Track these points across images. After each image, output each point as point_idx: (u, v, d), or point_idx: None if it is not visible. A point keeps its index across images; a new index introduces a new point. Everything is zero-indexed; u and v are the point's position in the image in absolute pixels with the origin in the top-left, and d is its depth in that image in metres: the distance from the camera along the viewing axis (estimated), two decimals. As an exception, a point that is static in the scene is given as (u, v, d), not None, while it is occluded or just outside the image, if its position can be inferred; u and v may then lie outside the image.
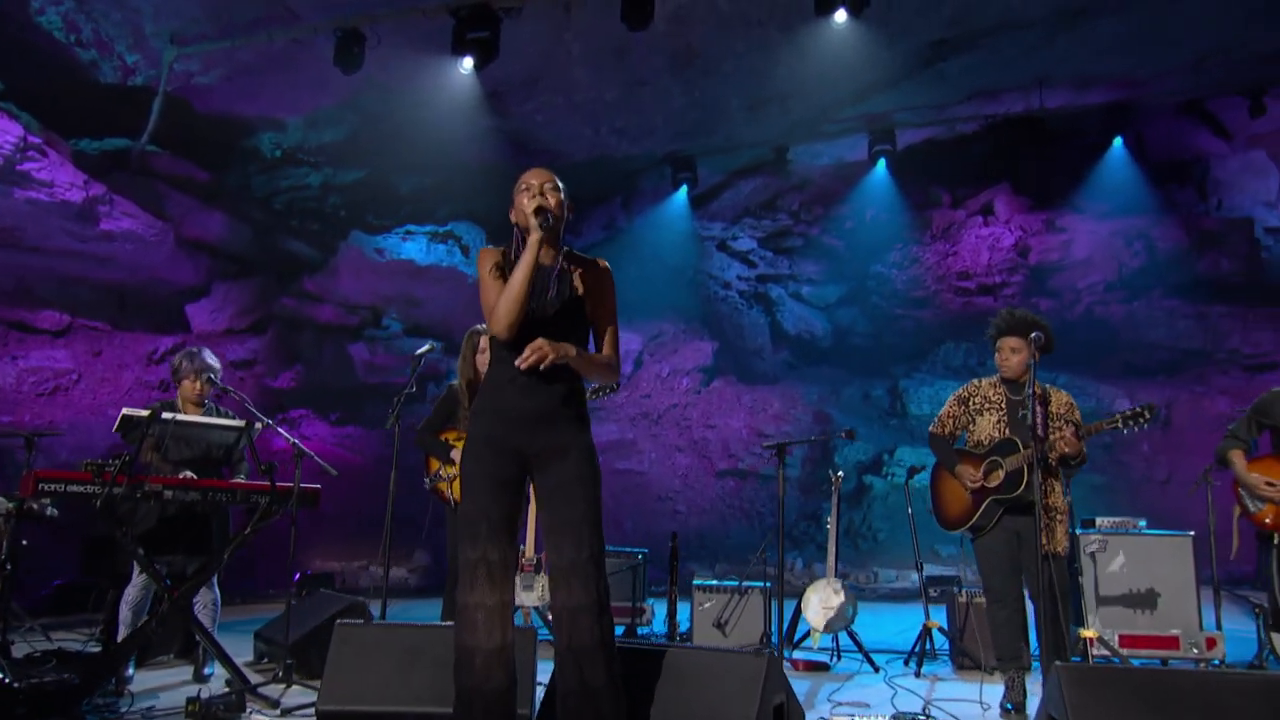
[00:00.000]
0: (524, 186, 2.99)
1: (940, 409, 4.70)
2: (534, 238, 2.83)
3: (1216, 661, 5.23)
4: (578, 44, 9.06)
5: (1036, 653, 4.33)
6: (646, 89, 9.96)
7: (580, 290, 2.97)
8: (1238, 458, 4.23)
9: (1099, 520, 5.72)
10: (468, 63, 7.92)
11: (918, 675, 5.29)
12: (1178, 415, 9.86)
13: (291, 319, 9.85)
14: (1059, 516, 4.31)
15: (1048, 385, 4.53)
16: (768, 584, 6.05)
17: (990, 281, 11.20)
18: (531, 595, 6.25)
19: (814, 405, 10.72)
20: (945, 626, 5.67)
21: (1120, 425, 4.13)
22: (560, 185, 3.03)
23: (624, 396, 10.94)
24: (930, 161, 11.67)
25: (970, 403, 4.51)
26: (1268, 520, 4.11)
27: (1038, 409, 4.37)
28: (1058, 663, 3.04)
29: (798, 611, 5.79)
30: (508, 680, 2.80)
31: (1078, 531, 5.58)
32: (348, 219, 10.72)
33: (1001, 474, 4.28)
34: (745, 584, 5.99)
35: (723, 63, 9.50)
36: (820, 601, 5.63)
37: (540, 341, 2.78)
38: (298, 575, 8.81)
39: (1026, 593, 4.39)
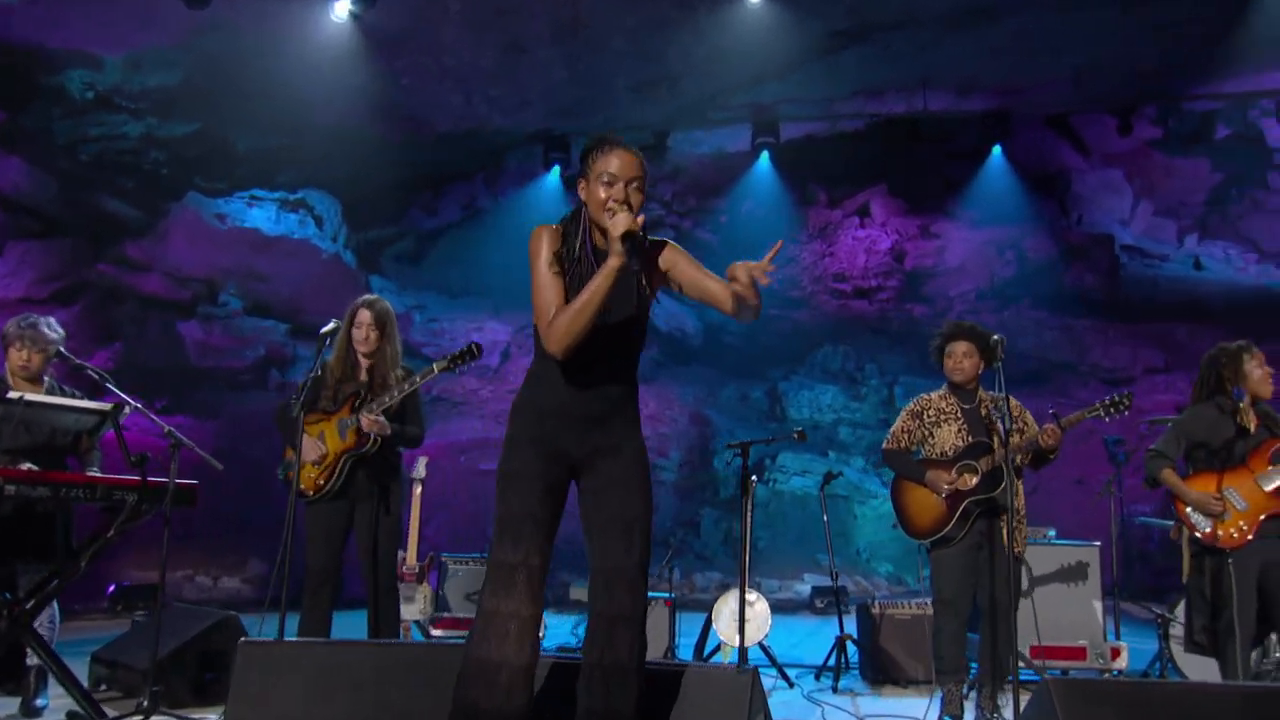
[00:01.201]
0: (605, 176, 2.74)
1: (892, 424, 4.78)
2: (613, 264, 2.60)
3: (1116, 672, 5.56)
4: (457, 0, 8.73)
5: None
6: (526, 59, 9.71)
7: (645, 286, 2.80)
8: (1172, 475, 4.47)
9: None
10: (342, 8, 7.44)
11: (835, 690, 5.35)
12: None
13: (109, 289, 8.99)
14: (1023, 518, 4.48)
15: (996, 393, 4.68)
16: (670, 595, 6.00)
17: (866, 285, 11.61)
18: (412, 608, 5.95)
19: (690, 406, 10.78)
20: (856, 638, 5.78)
21: (1102, 413, 4.31)
22: (645, 173, 2.79)
23: (489, 391, 10.65)
24: (809, 158, 11.96)
25: (924, 416, 4.61)
26: (1220, 536, 4.34)
27: (995, 414, 4.51)
28: (1048, 676, 3.10)
29: (708, 624, 5.75)
30: (529, 704, 2.62)
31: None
32: (171, 177, 9.88)
33: (974, 477, 4.39)
34: (650, 595, 5.89)
35: (611, 37, 9.38)
36: (733, 613, 5.61)
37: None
38: (112, 587, 8.06)
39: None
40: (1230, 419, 4.35)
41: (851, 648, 5.72)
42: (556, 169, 11.61)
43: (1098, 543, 5.85)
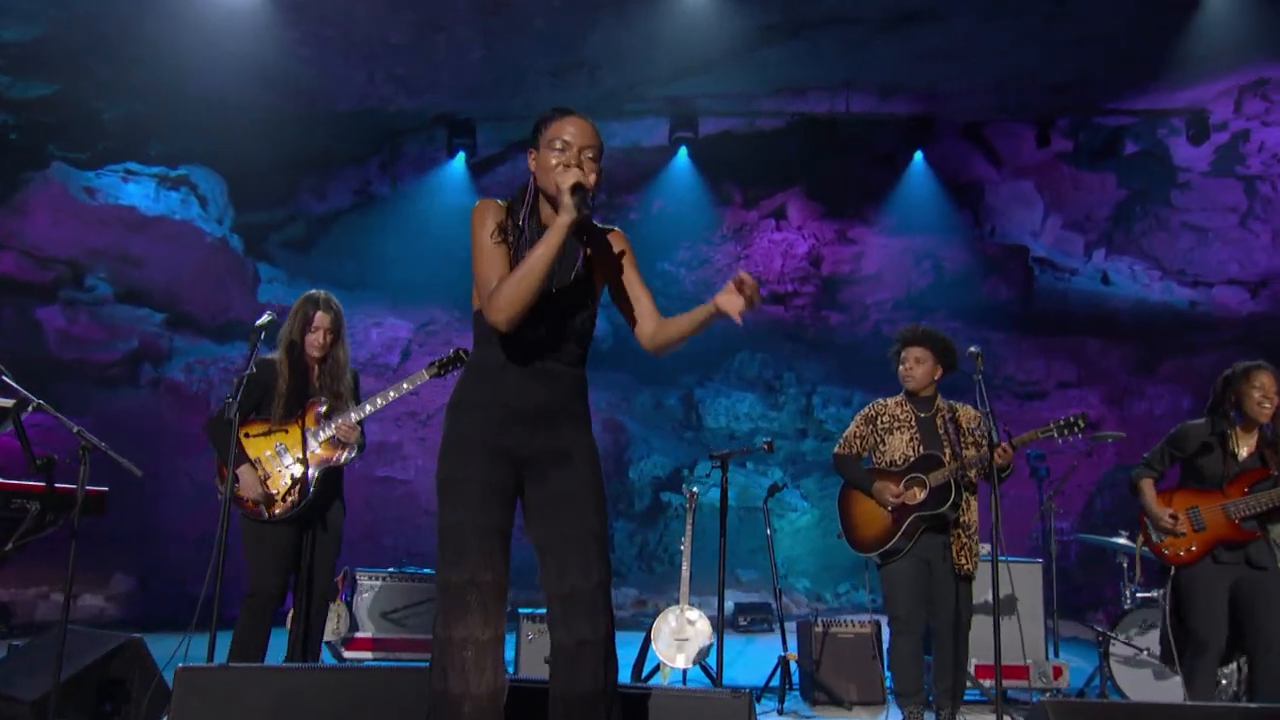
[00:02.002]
0: (557, 142, 2.71)
1: (847, 429, 4.83)
2: (563, 220, 2.57)
3: (1057, 691, 5.75)
4: (369, -33, 8.46)
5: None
6: (440, 36, 9.48)
7: (592, 265, 2.79)
8: (1148, 487, 4.65)
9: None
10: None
11: (780, 713, 5.37)
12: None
13: (-48, 268, 8.34)
14: (975, 535, 4.56)
15: (953, 402, 4.79)
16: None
17: (782, 290, 11.76)
18: (327, 628, 5.69)
19: (603, 413, 10.70)
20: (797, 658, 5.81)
21: (1055, 434, 4.41)
22: (601, 147, 2.79)
23: (387, 391, 10.33)
24: (725, 156, 12.05)
25: (878, 422, 4.68)
26: (1166, 552, 4.53)
27: (951, 427, 4.58)
28: (1044, 698, 3.15)
29: (646, 643, 5.69)
30: None
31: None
32: (23, 145, 9.24)
33: (922, 491, 4.45)
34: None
35: (534, 18, 9.24)
36: (673, 632, 5.56)
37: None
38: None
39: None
40: (1218, 441, 4.52)
41: (792, 666, 5.74)
42: (461, 155, 11.37)
43: (1040, 560, 6.04)
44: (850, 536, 4.67)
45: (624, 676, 5.76)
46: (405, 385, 4.45)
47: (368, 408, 4.37)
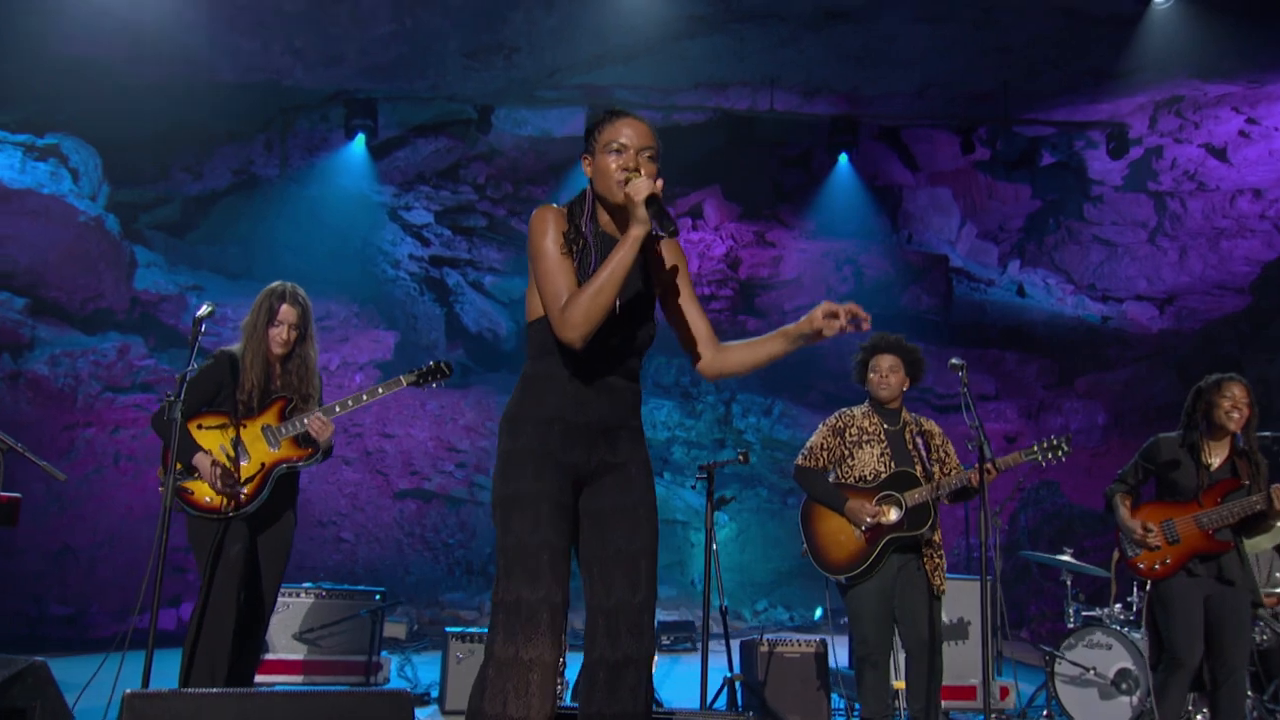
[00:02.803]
0: (614, 145, 2.70)
1: (811, 438, 4.82)
2: (637, 233, 2.58)
3: (1004, 712, 5.91)
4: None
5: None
6: (344, 6, 9.20)
7: (650, 276, 2.83)
8: (1122, 501, 4.82)
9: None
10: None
11: (731, 736, 5.35)
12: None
13: None
14: (942, 552, 4.63)
15: (919, 416, 4.85)
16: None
17: (699, 292, 11.81)
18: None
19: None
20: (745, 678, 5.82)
21: (1039, 457, 4.51)
22: (659, 146, 2.77)
23: (277, 391, 9.97)
24: (641, 150, 12.08)
25: (846, 434, 4.67)
26: (1141, 566, 4.69)
27: (922, 441, 4.65)
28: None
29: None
30: None
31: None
32: None
33: (897, 510, 4.48)
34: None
35: (452, -8, 9.08)
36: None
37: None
38: None
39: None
40: (1190, 453, 4.71)
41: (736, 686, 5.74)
42: (361, 138, 11.03)
43: (989, 577, 6.18)
44: (819, 558, 4.63)
45: (568, 700, 5.68)
46: (380, 390, 4.33)
47: (337, 408, 4.22)
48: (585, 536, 2.72)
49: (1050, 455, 4.52)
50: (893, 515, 4.48)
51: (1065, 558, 6.22)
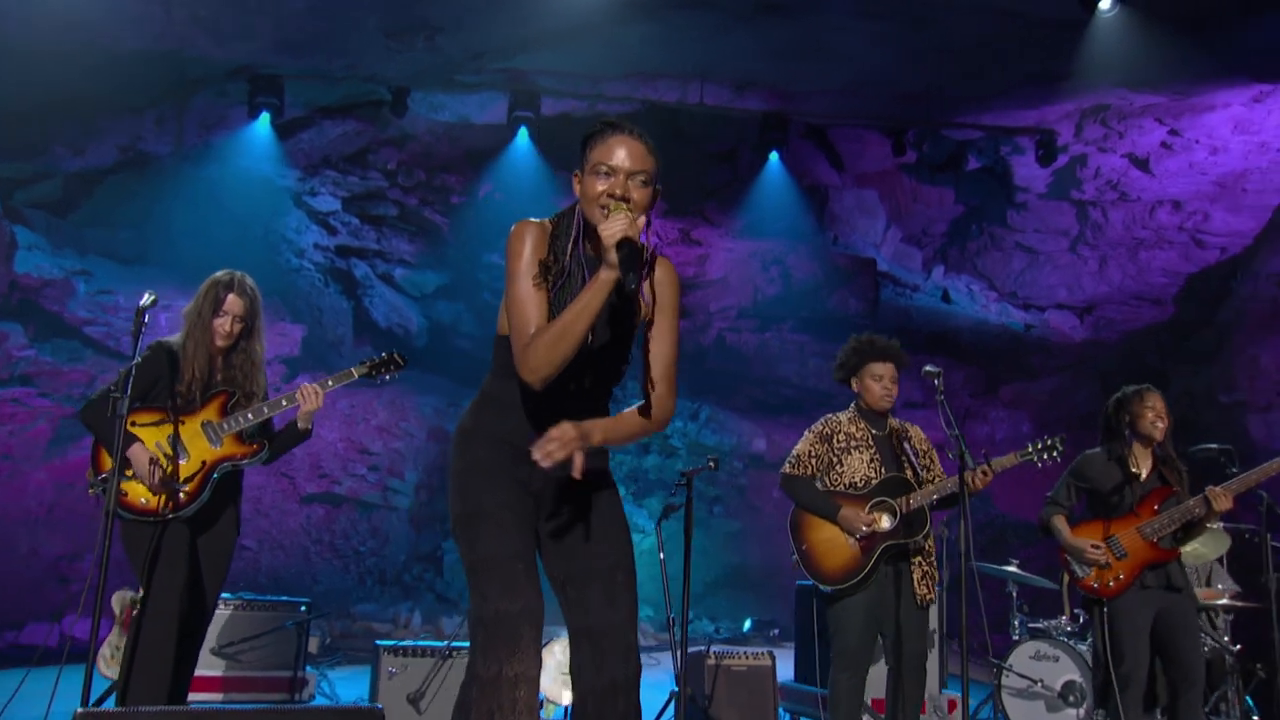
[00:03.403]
0: (602, 167, 2.58)
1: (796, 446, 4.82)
2: (606, 277, 2.44)
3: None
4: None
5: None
6: (259, -25, 8.95)
7: (640, 311, 2.69)
8: (1061, 523, 4.93)
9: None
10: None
11: (681, 754, 5.34)
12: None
13: None
14: (934, 562, 4.66)
15: (903, 421, 4.89)
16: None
17: (623, 291, 11.80)
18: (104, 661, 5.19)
19: (429, 419, 10.38)
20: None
21: (1034, 457, 4.57)
22: (656, 168, 2.61)
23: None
24: (564, 139, 11.97)
25: (834, 440, 4.67)
26: (1095, 585, 4.81)
27: (908, 447, 4.69)
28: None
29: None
30: None
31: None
32: None
33: (890, 517, 4.49)
34: (452, 645, 5.59)
35: (375, -34, 8.89)
36: (558, 666, 5.45)
37: (566, 430, 2.47)
38: None
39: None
40: (1118, 465, 4.85)
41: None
42: (266, 117, 10.72)
43: (970, 587, 6.29)
44: (813, 569, 4.59)
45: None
46: (330, 383, 4.20)
47: (284, 403, 4.08)
48: (555, 557, 2.69)
49: (1045, 455, 4.58)
50: (886, 523, 4.49)
51: (1012, 569, 6.37)
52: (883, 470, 4.59)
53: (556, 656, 5.45)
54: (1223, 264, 12.21)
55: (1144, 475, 4.87)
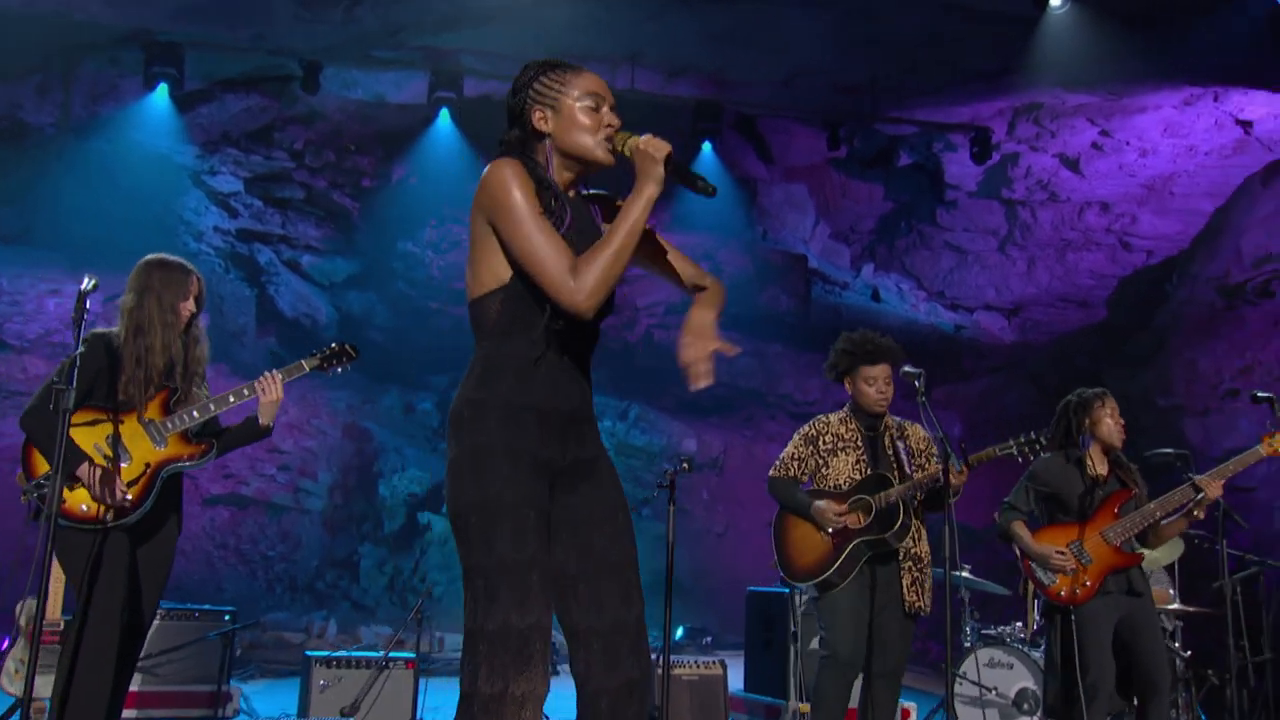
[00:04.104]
0: (588, 99, 2.64)
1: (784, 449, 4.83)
2: (652, 193, 2.53)
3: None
4: None
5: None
6: (164, -66, 8.68)
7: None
8: (1022, 529, 5.01)
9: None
10: None
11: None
12: (732, 461, 11.33)
13: None
14: (928, 569, 4.69)
15: (901, 420, 4.93)
16: (414, 655, 5.67)
17: (546, 283, 11.73)
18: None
19: (344, 416, 10.17)
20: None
21: (1015, 451, 4.63)
22: None
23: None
24: (484, 123, 11.87)
25: (820, 442, 4.68)
26: (1062, 592, 4.90)
27: (902, 446, 4.74)
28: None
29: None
30: None
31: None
32: None
33: (867, 515, 4.52)
34: (390, 655, 5.51)
35: (292, -70, 8.70)
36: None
37: (705, 330, 2.74)
38: None
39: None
40: (1077, 469, 4.97)
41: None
42: (164, 88, 10.33)
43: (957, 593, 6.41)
44: (786, 566, 4.63)
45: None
46: (280, 377, 4.06)
47: (231, 398, 3.94)
48: (562, 547, 2.59)
49: (1029, 449, 4.65)
50: (862, 520, 4.52)
51: (965, 574, 6.49)
52: (868, 470, 4.62)
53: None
54: (1153, 267, 12.65)
55: (1102, 478, 5.00)
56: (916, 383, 4.45)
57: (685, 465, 4.91)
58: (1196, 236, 11.38)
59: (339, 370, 4.31)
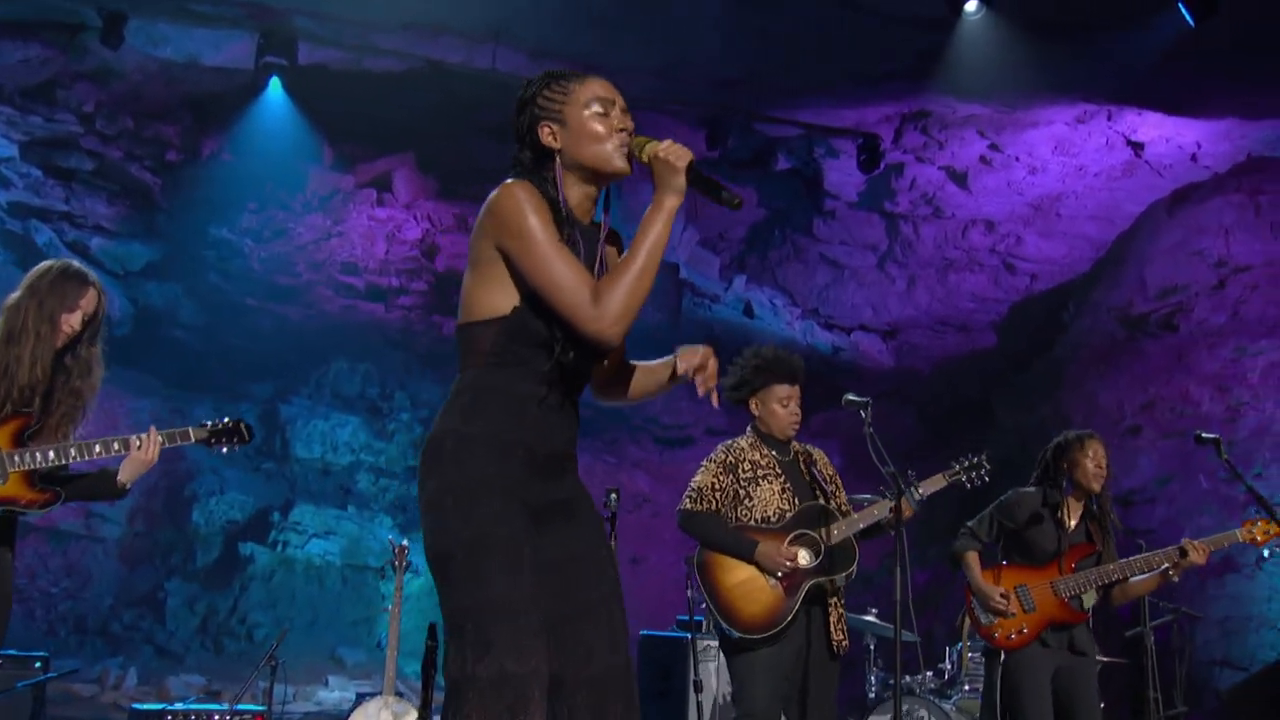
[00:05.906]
0: (595, 105, 2.78)
1: (697, 479, 4.87)
2: (673, 204, 2.73)
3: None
4: None
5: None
6: None
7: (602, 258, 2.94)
8: (974, 560, 5.23)
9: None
10: None
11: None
12: (595, 489, 11.31)
13: None
14: (843, 602, 4.83)
15: (805, 444, 5.07)
16: (264, 708, 5.55)
17: (385, 284, 11.59)
18: None
19: (145, 428, 9.73)
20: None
21: (962, 477, 4.81)
22: None
23: None
24: (318, 95, 11.66)
25: (739, 470, 4.76)
26: (997, 635, 5.13)
27: (815, 472, 4.88)
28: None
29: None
30: None
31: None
32: None
33: (811, 552, 4.61)
34: (237, 708, 5.39)
35: None
36: (388, 728, 5.33)
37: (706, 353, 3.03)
38: None
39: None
40: (1049, 513, 5.22)
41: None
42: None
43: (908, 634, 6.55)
44: (732, 618, 4.61)
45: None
46: (161, 439, 3.92)
47: (99, 448, 3.79)
48: (542, 591, 2.64)
49: (973, 474, 4.84)
50: (806, 558, 4.60)
51: (870, 618, 6.70)
52: (796, 501, 4.73)
53: (370, 718, 5.33)
54: (1045, 294, 13.29)
55: (1072, 527, 5.25)
56: (863, 413, 4.60)
57: (613, 494, 4.93)
58: (1098, 261, 12.01)
59: (224, 450, 4.24)
